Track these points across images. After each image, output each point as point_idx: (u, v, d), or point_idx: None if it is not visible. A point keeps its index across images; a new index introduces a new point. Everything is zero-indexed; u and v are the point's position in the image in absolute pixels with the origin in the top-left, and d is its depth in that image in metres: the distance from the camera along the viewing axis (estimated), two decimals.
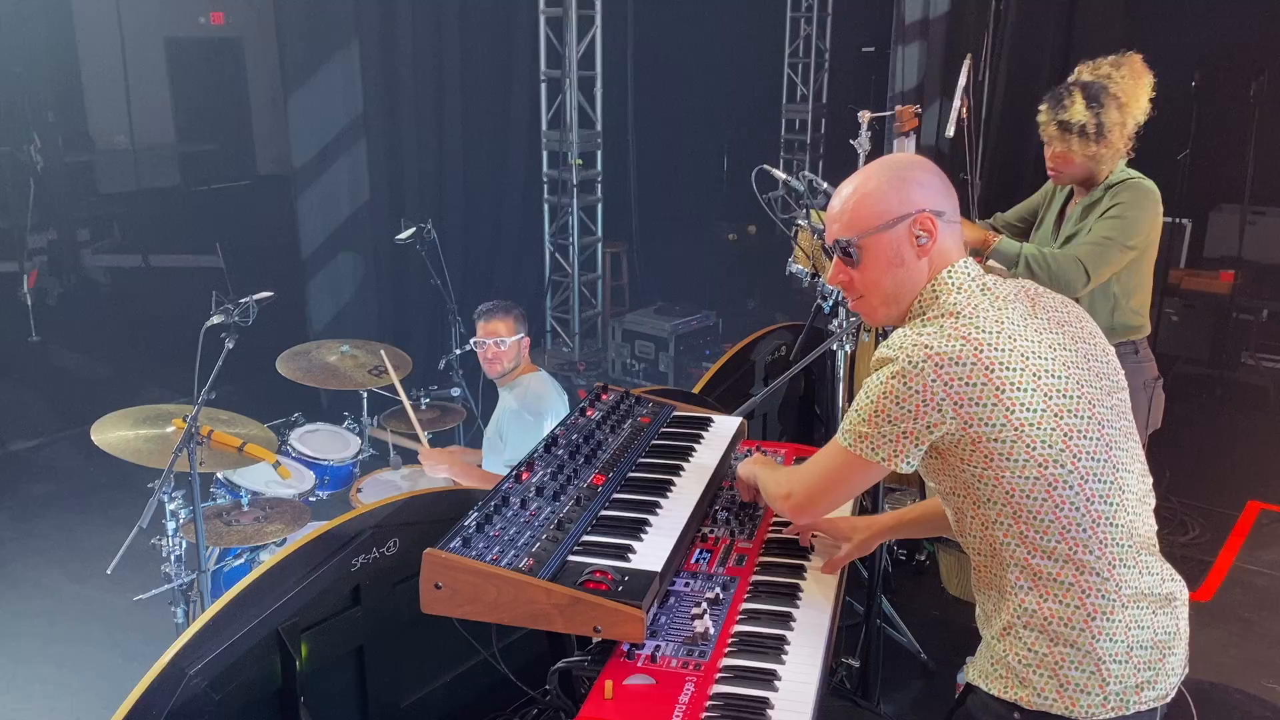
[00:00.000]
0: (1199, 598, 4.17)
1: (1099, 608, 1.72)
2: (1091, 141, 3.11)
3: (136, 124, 10.20)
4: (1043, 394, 1.69)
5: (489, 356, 3.81)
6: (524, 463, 2.17)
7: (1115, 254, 3.09)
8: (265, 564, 2.45)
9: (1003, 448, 1.68)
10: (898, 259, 1.81)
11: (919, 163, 1.88)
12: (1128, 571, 1.74)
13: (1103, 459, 1.73)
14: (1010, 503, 1.72)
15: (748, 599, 2.00)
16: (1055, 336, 1.77)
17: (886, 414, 1.72)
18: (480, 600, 1.78)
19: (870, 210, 1.81)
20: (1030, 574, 1.74)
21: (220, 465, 3.64)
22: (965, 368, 1.67)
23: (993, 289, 1.80)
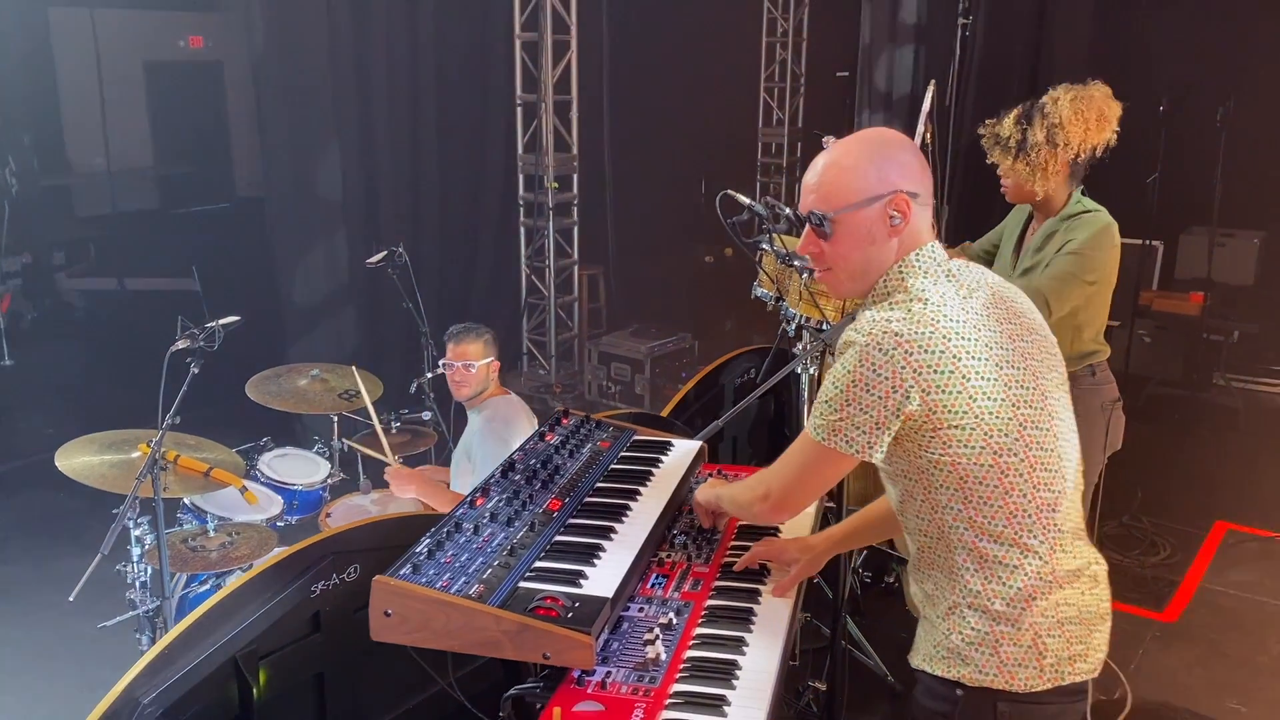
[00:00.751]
0: (1164, 619, 4.20)
1: (1038, 589, 1.79)
2: (1011, 155, 3.20)
3: (114, 147, 10.17)
4: (1003, 384, 1.75)
5: (457, 379, 3.80)
6: (480, 488, 2.17)
7: (1076, 289, 3.15)
8: (223, 590, 2.44)
9: (962, 434, 1.73)
10: (869, 237, 1.83)
11: (899, 141, 1.89)
12: (1064, 555, 1.82)
13: (1050, 449, 1.80)
14: (963, 488, 1.77)
15: (701, 623, 2.00)
16: (1014, 327, 1.84)
17: (858, 401, 1.74)
18: (429, 628, 1.78)
19: (847, 186, 1.83)
20: (977, 556, 1.80)
21: (186, 490, 3.62)
22: (934, 355, 1.71)
23: (958, 275, 1.85)
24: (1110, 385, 3.38)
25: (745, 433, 4.17)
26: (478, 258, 7.53)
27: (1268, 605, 4.29)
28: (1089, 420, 3.34)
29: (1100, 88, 3.23)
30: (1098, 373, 3.35)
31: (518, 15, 7.04)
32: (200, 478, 3.56)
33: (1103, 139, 3.20)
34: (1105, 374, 3.38)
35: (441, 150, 7.11)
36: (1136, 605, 4.29)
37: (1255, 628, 4.12)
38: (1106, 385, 3.37)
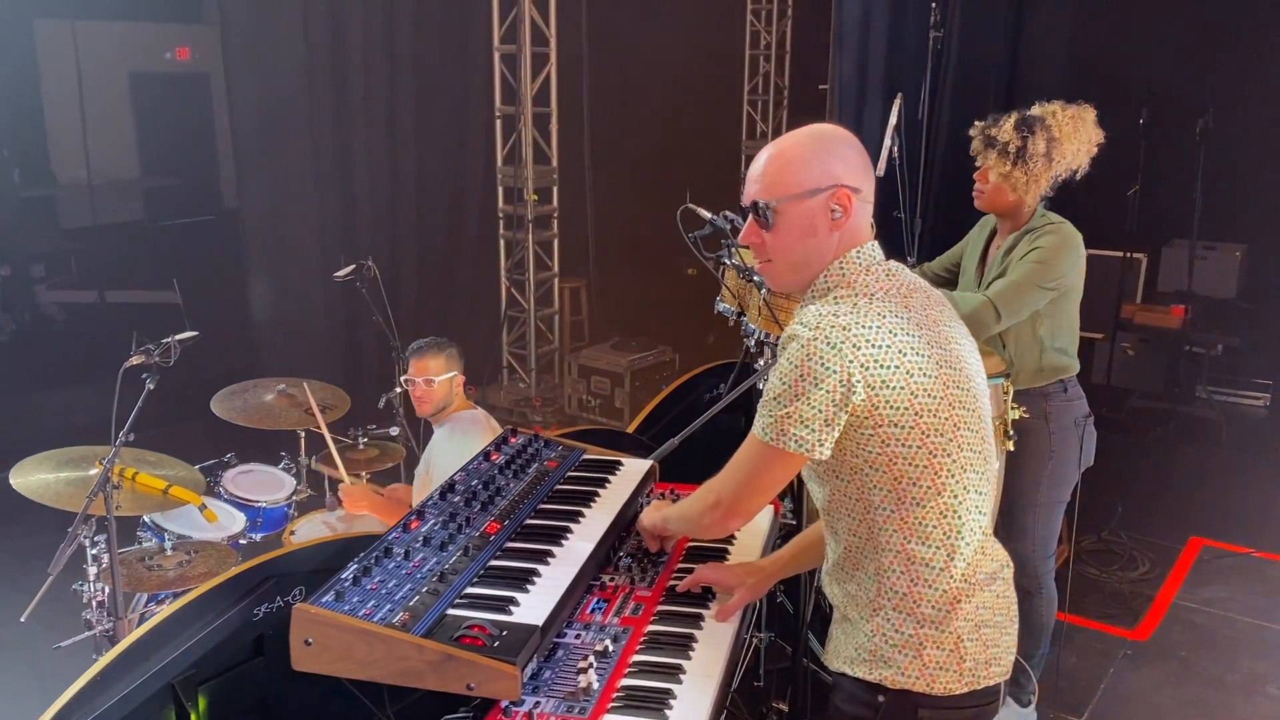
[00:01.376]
0: (1136, 637, 4.15)
1: (962, 591, 1.81)
2: (1009, 161, 3.15)
3: (99, 159, 10.12)
4: (941, 382, 1.76)
5: (418, 395, 3.74)
6: (415, 511, 2.12)
7: (1030, 295, 3.11)
8: (161, 613, 2.38)
9: (900, 432, 1.73)
10: (811, 229, 1.84)
11: (844, 136, 1.89)
12: (984, 558, 1.85)
13: (979, 450, 1.82)
14: (896, 488, 1.77)
15: (640, 650, 1.95)
16: (947, 329, 1.86)
17: (805, 396, 1.72)
18: (351, 657, 1.73)
19: (790, 177, 1.83)
20: (905, 558, 1.80)
21: (143, 509, 3.57)
22: (881, 350, 1.71)
23: (896, 275, 1.87)
24: (1081, 401, 3.35)
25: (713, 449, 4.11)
26: (457, 270, 7.50)
27: (1239, 622, 4.25)
28: (1063, 437, 3.30)
29: (1091, 112, 3.22)
30: (1069, 388, 3.32)
31: (497, 27, 7.02)
32: (158, 495, 3.51)
33: (1084, 163, 3.21)
34: (1076, 390, 3.36)
35: (421, 162, 7.09)
36: (1110, 623, 4.25)
37: (1226, 645, 4.08)
38: (1079, 401, 3.35)
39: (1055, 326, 3.26)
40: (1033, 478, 3.31)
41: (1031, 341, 3.27)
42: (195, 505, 3.58)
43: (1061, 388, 3.31)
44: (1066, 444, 3.31)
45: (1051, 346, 3.27)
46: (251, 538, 4.11)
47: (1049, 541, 3.39)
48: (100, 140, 10.03)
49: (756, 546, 2.39)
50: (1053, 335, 3.27)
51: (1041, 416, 3.27)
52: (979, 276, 3.35)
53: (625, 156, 8.20)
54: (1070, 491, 3.39)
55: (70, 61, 9.85)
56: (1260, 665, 3.93)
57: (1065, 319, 3.28)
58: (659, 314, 8.16)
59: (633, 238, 8.41)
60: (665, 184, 8.67)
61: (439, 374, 3.71)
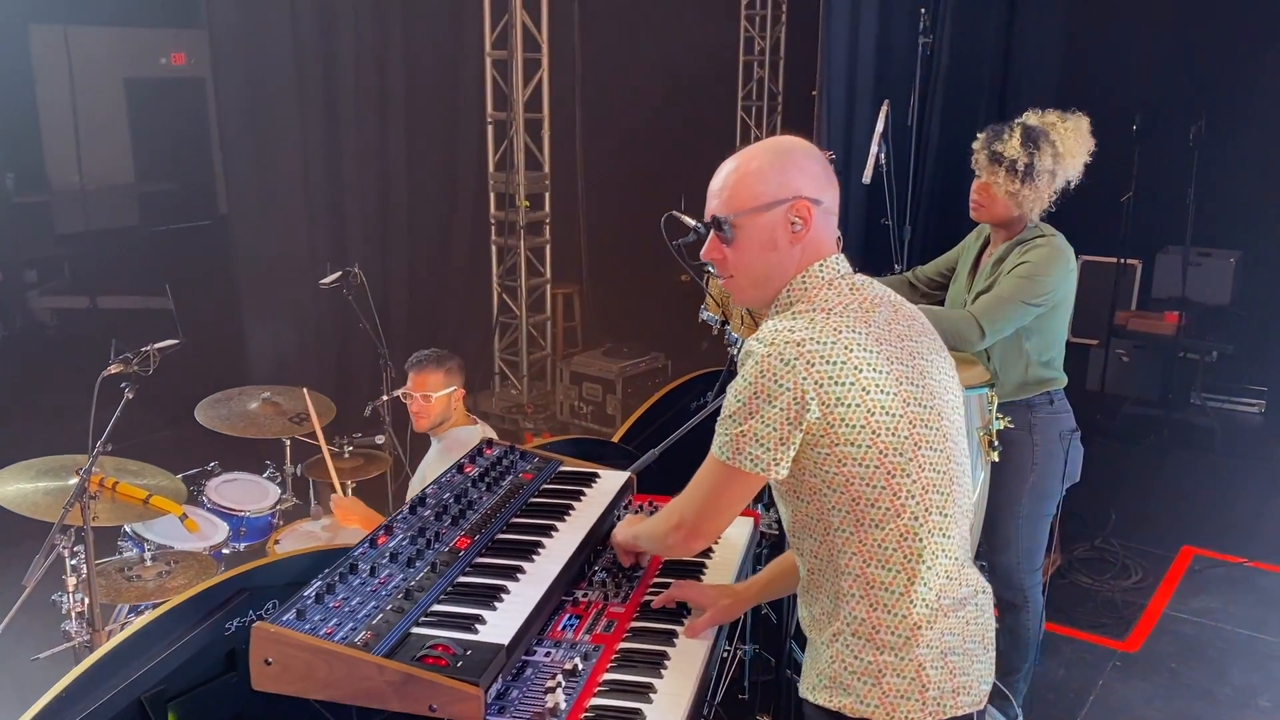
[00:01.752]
0: (1125, 648, 4.12)
1: (924, 617, 1.75)
2: (1018, 179, 3.09)
3: (95, 164, 10.10)
4: (901, 400, 1.72)
5: (415, 410, 3.63)
6: (384, 526, 2.09)
7: (1015, 311, 3.07)
8: (129, 627, 2.35)
9: (857, 452, 1.70)
10: (771, 243, 1.81)
11: (803, 148, 1.87)
12: (950, 583, 1.79)
13: (943, 471, 1.77)
14: (855, 509, 1.73)
15: (610, 668, 1.92)
16: (914, 344, 1.81)
17: (760, 414, 1.70)
18: (312, 678, 1.70)
19: (749, 190, 1.81)
20: (864, 583, 1.76)
21: (123, 518, 3.53)
22: (835, 366, 1.68)
23: (861, 289, 1.83)
24: (1069, 415, 3.31)
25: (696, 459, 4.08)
26: (449, 276, 7.47)
27: (1231, 633, 4.21)
28: (1048, 450, 3.27)
29: (1085, 120, 3.18)
30: (1055, 401, 3.28)
31: (488, 33, 6.99)
32: (139, 505, 3.47)
33: (1080, 172, 3.17)
34: (1064, 403, 3.31)
35: (412, 168, 7.06)
36: (1099, 634, 4.21)
37: (1216, 657, 4.04)
38: (1065, 414, 3.30)
39: (1042, 341, 3.22)
40: (1015, 490, 3.27)
41: (1017, 355, 3.23)
42: (176, 515, 3.54)
43: (1047, 399, 3.27)
44: (1050, 457, 3.27)
45: (1038, 360, 3.23)
46: (235, 547, 4.09)
47: (1034, 554, 3.35)
48: (95, 145, 10.02)
49: (733, 560, 2.36)
50: (1039, 350, 3.23)
51: (1026, 429, 3.24)
52: (969, 284, 3.32)
53: (618, 162, 8.17)
54: (1055, 505, 3.34)
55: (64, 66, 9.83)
56: (1252, 677, 3.89)
57: (1053, 333, 3.23)
58: (651, 320, 8.12)
59: (625, 244, 8.37)
60: (658, 190, 8.63)
61: (437, 389, 3.60)
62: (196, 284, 8.66)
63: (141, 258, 9.53)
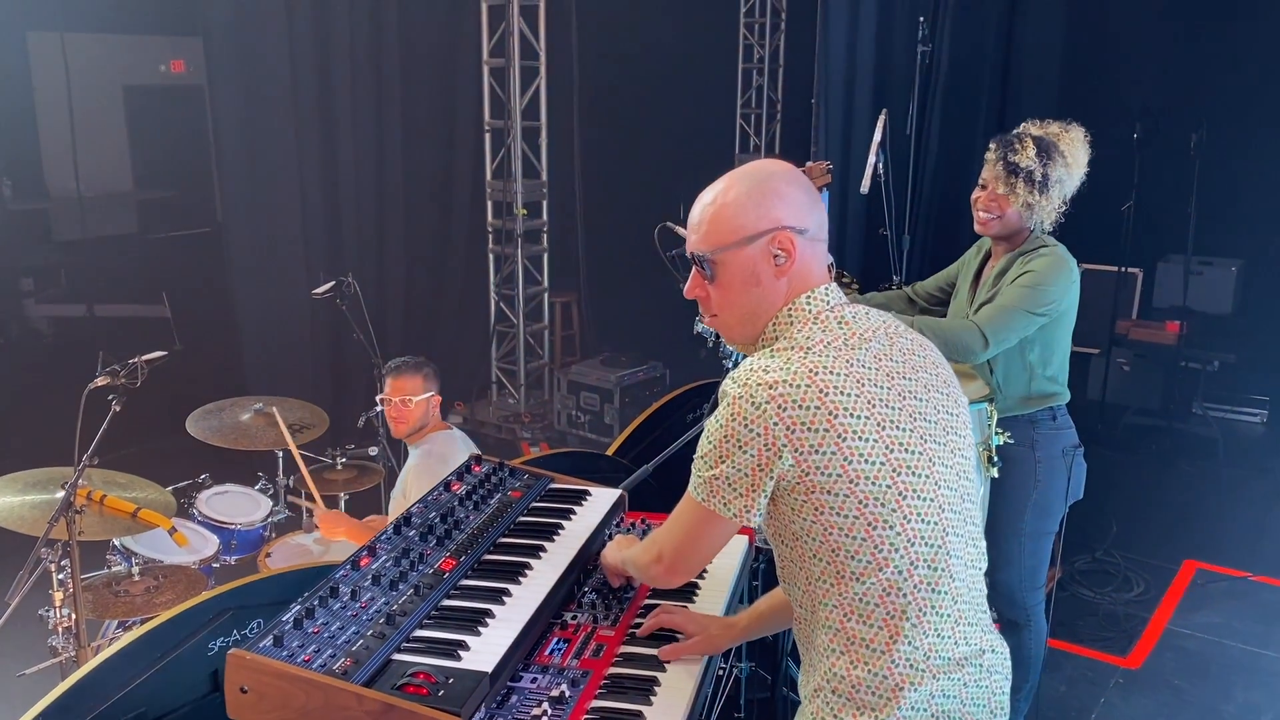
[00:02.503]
0: (1128, 664, 4.07)
1: (907, 678, 1.63)
2: (1035, 190, 3.05)
3: (93, 172, 10.09)
4: (884, 446, 1.61)
5: (394, 415, 3.67)
6: (367, 547, 2.04)
7: (1018, 320, 3.02)
8: (110, 648, 2.31)
9: (834, 500, 1.60)
10: (754, 278, 1.71)
11: (783, 173, 1.75)
12: (942, 641, 1.66)
13: (933, 521, 1.65)
14: (835, 561, 1.63)
15: (599, 696, 1.87)
16: (907, 383, 1.69)
17: (730, 459, 1.62)
18: (289, 707, 1.65)
19: (727, 224, 1.71)
20: (844, 638, 1.66)
21: (111, 532, 3.48)
22: (808, 411, 1.58)
23: (851, 323, 1.71)
24: (1071, 431, 3.26)
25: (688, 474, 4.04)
26: (446, 285, 7.43)
27: (1233, 649, 4.16)
28: (1050, 466, 3.22)
29: (1081, 130, 3.16)
30: (1059, 417, 3.23)
31: (485, 41, 6.96)
32: (127, 519, 3.43)
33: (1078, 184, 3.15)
34: (1067, 419, 3.26)
35: (409, 177, 7.03)
36: (1102, 650, 4.17)
37: (1220, 673, 3.99)
38: (1068, 430, 3.25)
39: (1046, 353, 3.17)
40: (1017, 506, 3.23)
41: (1020, 368, 3.18)
42: (165, 529, 3.50)
43: (1050, 415, 3.22)
44: (1053, 473, 3.22)
45: (1042, 374, 3.18)
46: (226, 560, 4.04)
47: (1037, 572, 3.30)
48: (93, 153, 10.01)
49: (726, 580, 2.30)
50: (1044, 362, 3.18)
51: (1028, 445, 3.19)
52: (971, 298, 3.27)
53: (615, 170, 8.13)
54: (1058, 522, 3.30)
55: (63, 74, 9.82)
56: (1255, 695, 3.84)
57: (1056, 345, 3.18)
58: (649, 329, 8.08)
59: (623, 252, 8.32)
60: (656, 198, 8.61)
61: (416, 394, 3.63)
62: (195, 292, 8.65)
63: (139, 265, 9.51)
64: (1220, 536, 5.12)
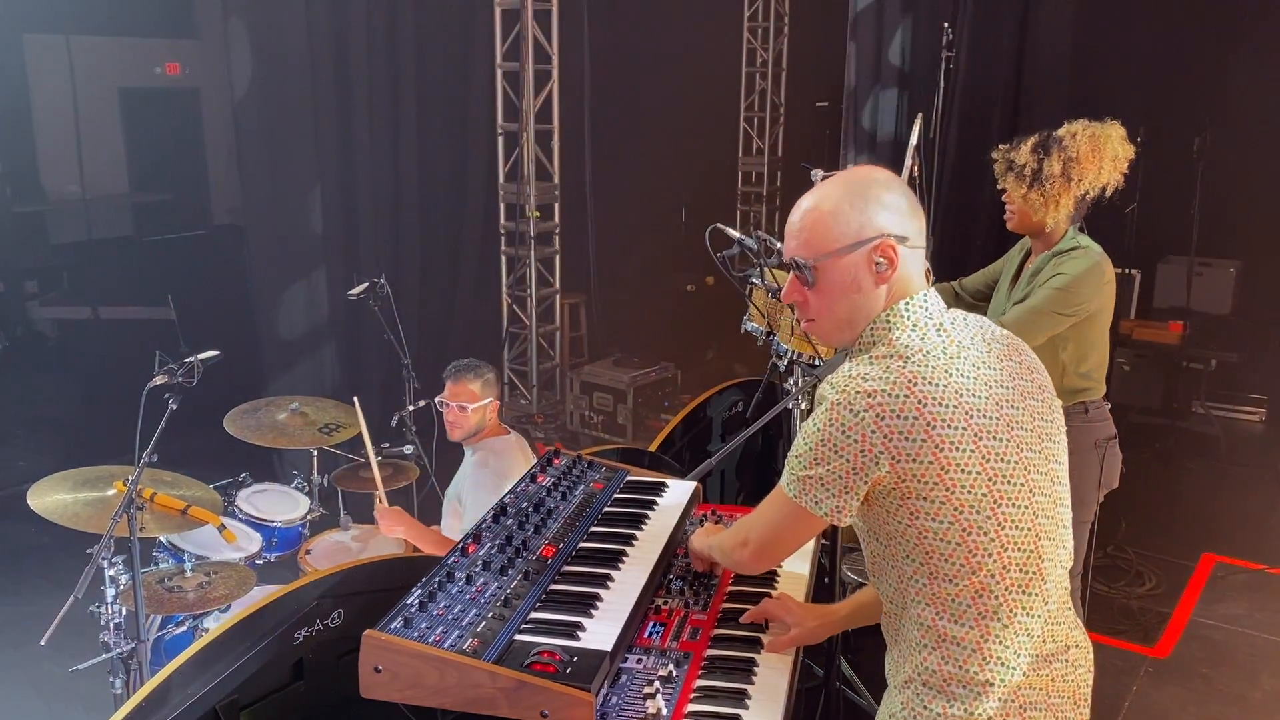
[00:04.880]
0: (1156, 654, 4.17)
1: (997, 674, 1.68)
2: (1025, 184, 3.16)
3: (89, 174, 10.08)
4: (980, 456, 1.64)
5: (451, 420, 3.66)
6: (471, 534, 2.11)
7: (1046, 321, 3.12)
8: (203, 639, 2.36)
9: (930, 507, 1.64)
10: (854, 285, 1.73)
11: (885, 180, 1.77)
12: (1031, 640, 1.71)
13: (1027, 528, 1.69)
14: (928, 562, 1.68)
15: (702, 675, 1.94)
16: (1004, 391, 1.72)
17: (825, 461, 1.66)
18: (422, 684, 1.71)
19: (828, 232, 1.72)
20: (935, 634, 1.70)
21: (163, 529, 3.53)
22: (906, 421, 1.61)
23: (949, 330, 1.73)
24: (1105, 423, 3.34)
25: (733, 467, 4.12)
26: (459, 286, 7.47)
27: (1258, 639, 4.27)
28: (1081, 458, 3.29)
29: (1117, 128, 3.21)
30: (1090, 410, 3.31)
31: (499, 45, 7.02)
32: (177, 516, 3.48)
33: (1114, 179, 3.18)
34: (1100, 412, 3.34)
35: (423, 179, 7.07)
36: (1127, 640, 4.27)
37: (1247, 662, 4.10)
38: (1101, 423, 3.33)
39: (1079, 351, 3.25)
40: None
41: (1053, 364, 3.25)
42: (214, 526, 3.54)
43: (1082, 409, 3.29)
44: (1085, 466, 3.28)
45: (1075, 371, 3.26)
46: (267, 558, 4.08)
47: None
48: (92, 155, 9.99)
49: (803, 565, 2.39)
50: (1076, 360, 3.25)
51: None
52: (1009, 295, 3.37)
53: (626, 172, 8.22)
54: (1091, 512, 3.38)
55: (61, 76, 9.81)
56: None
57: (1089, 343, 3.25)
58: (659, 330, 8.17)
59: (634, 254, 8.43)
60: (665, 200, 8.72)
61: (474, 401, 3.62)
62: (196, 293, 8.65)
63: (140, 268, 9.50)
64: (1230, 531, 5.24)
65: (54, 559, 4.97)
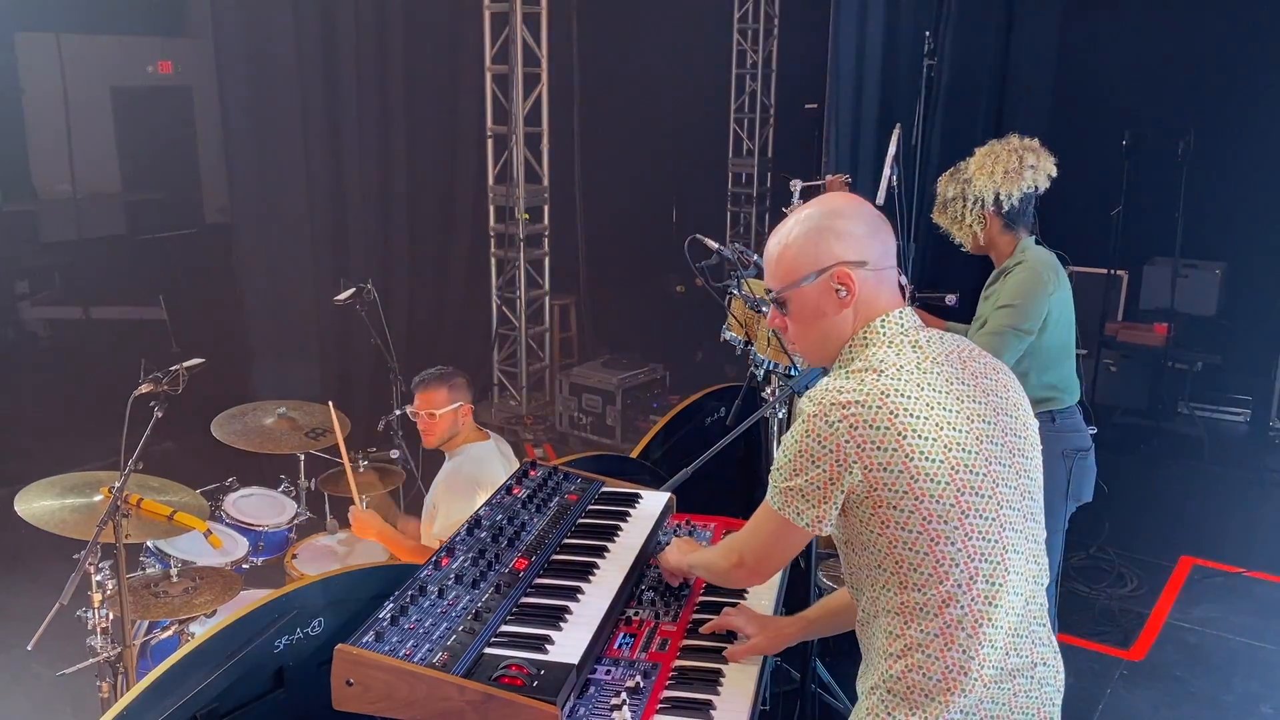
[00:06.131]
0: (1131, 657, 4.23)
1: (959, 684, 1.72)
2: (940, 210, 3.40)
3: (81, 173, 10.10)
4: (949, 467, 1.70)
5: (422, 428, 3.75)
6: (445, 548, 2.15)
7: (1009, 340, 3.19)
8: (183, 648, 2.40)
9: (900, 515, 1.70)
10: (819, 311, 1.83)
11: (844, 209, 1.85)
12: (995, 652, 1.74)
13: (994, 539, 1.73)
14: (898, 572, 1.73)
15: (669, 686, 1.99)
16: (976, 406, 1.77)
17: (804, 472, 1.73)
18: (393, 697, 1.76)
19: (791, 264, 1.84)
20: (902, 642, 1.75)
21: (149, 535, 3.56)
22: (879, 431, 1.68)
23: (924, 346, 1.80)
24: (1075, 434, 3.37)
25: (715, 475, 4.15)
26: (448, 288, 7.52)
27: (1232, 642, 4.33)
28: (1048, 466, 3.31)
29: (1014, 141, 3.30)
30: (1058, 419, 3.34)
31: (488, 48, 7.05)
32: (163, 522, 3.50)
33: (1017, 189, 3.24)
34: (1069, 421, 3.37)
35: (412, 181, 7.11)
36: (1104, 643, 4.32)
37: (1221, 665, 4.16)
38: (1070, 434, 3.36)
39: (1038, 361, 3.29)
40: None
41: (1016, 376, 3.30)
42: (200, 531, 3.57)
43: (1048, 418, 3.30)
44: (1051, 474, 3.29)
45: (1038, 381, 3.30)
46: (254, 561, 4.12)
47: None
48: (83, 153, 10.00)
49: (774, 579, 2.43)
50: (1039, 370, 3.30)
51: None
52: None
53: (615, 175, 8.24)
54: (1059, 523, 3.38)
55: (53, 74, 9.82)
56: (1254, 685, 4.01)
57: (1048, 354, 3.30)
58: (648, 331, 8.20)
59: (623, 255, 8.46)
60: (654, 202, 8.75)
61: (441, 407, 3.68)
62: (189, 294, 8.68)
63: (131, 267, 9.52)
64: (1212, 533, 5.29)
65: (44, 562, 5.00)
